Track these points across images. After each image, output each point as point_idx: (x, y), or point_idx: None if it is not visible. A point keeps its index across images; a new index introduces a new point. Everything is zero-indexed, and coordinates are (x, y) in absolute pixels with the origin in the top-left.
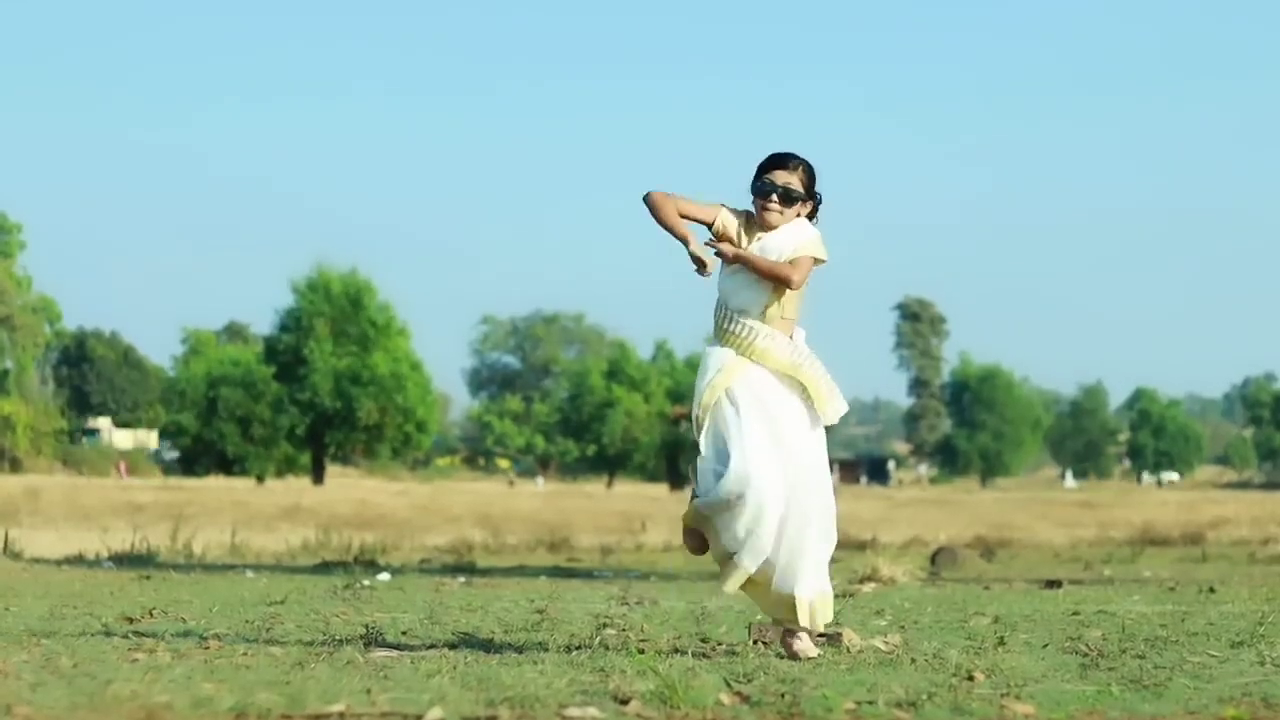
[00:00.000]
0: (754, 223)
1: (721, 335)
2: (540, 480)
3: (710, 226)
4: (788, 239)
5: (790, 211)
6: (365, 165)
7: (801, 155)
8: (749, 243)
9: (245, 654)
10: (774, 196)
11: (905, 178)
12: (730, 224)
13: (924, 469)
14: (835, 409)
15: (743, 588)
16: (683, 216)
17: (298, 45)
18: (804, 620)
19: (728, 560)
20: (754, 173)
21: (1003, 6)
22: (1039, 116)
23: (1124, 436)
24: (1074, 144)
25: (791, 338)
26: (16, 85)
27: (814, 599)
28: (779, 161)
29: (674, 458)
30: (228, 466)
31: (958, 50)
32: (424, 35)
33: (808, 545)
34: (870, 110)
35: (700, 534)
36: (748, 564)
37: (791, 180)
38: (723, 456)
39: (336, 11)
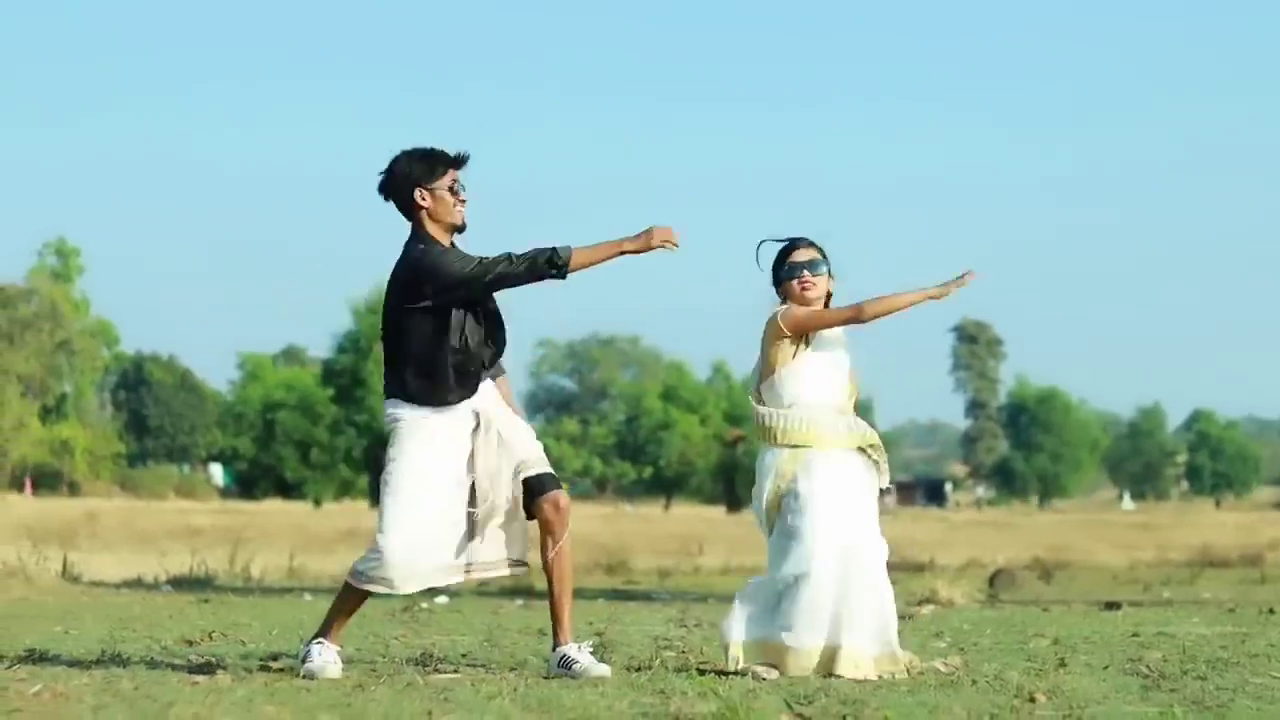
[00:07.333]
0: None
1: (786, 435)
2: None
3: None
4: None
5: (822, 283)
6: None
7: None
8: (808, 347)
9: (305, 676)
10: (805, 273)
11: (963, 200)
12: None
13: (980, 491)
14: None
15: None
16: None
17: (351, 68)
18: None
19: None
20: (772, 271)
21: (1070, 13)
22: (1096, 134)
23: (1182, 458)
24: (1128, 162)
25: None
26: (75, 108)
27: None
28: (791, 246)
29: (731, 480)
30: (286, 490)
31: (995, 67)
32: (478, 60)
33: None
34: (925, 140)
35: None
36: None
37: (814, 256)
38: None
39: (395, 39)
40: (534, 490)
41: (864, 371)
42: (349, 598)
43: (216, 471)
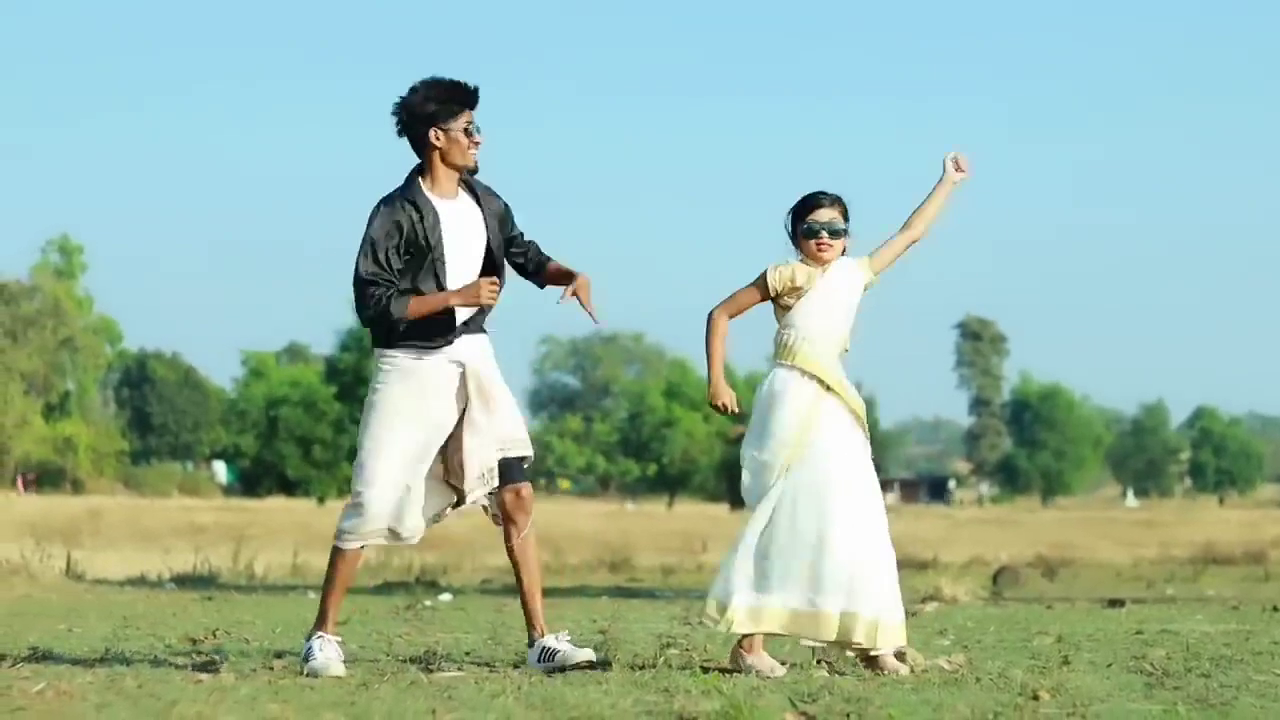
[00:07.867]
0: (805, 265)
1: (804, 359)
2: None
3: (775, 299)
4: (850, 274)
5: (839, 245)
6: None
7: (830, 191)
8: (818, 283)
9: (309, 675)
10: (824, 234)
11: (966, 198)
12: (793, 276)
13: (984, 488)
14: None
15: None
16: (739, 313)
17: (352, 68)
18: (865, 640)
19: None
20: (790, 218)
21: (1073, 10)
22: (1100, 132)
23: (1185, 455)
24: (1131, 160)
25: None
26: (78, 106)
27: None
28: (815, 201)
29: (734, 477)
30: (289, 488)
31: (999, 64)
32: (479, 60)
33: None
34: (927, 138)
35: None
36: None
37: (834, 216)
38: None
39: (395, 39)
40: (501, 473)
41: (866, 370)
42: (339, 566)
43: (220, 469)
